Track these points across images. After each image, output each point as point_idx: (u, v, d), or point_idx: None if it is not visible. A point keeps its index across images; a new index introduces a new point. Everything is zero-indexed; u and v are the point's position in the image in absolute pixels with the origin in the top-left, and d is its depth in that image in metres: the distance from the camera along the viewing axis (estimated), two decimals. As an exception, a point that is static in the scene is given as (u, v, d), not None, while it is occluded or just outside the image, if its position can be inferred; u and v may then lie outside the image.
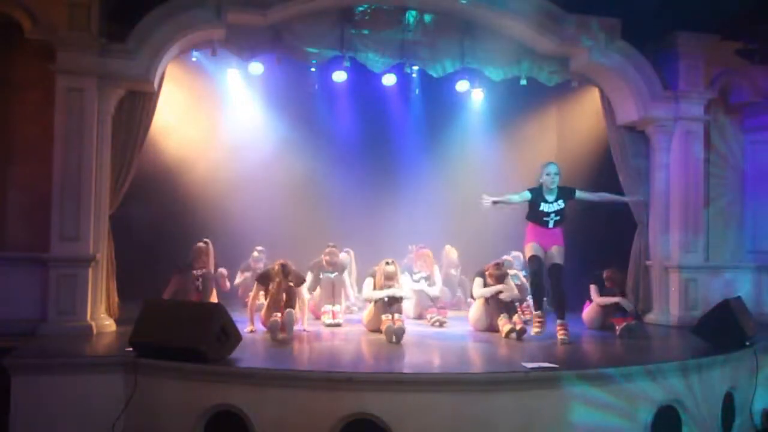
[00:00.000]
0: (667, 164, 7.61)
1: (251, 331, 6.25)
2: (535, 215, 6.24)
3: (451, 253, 8.64)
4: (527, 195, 6.17)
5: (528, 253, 6.28)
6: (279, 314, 6.07)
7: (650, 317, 7.59)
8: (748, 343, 5.76)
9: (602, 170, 8.53)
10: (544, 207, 6.16)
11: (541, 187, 6.18)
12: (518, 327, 6.22)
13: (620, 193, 7.84)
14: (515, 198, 6.21)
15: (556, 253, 6.18)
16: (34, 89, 6.23)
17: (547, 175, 6.12)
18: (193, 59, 7.47)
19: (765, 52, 7.70)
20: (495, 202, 6.13)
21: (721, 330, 5.74)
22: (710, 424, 5.15)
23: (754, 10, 7.21)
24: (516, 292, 6.83)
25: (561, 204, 6.18)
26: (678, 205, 7.49)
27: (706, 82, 7.59)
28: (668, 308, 7.48)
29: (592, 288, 7.08)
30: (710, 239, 7.89)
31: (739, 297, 6.28)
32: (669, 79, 7.55)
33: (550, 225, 6.21)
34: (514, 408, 4.44)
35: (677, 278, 7.41)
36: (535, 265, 6.17)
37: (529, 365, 4.69)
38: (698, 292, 7.39)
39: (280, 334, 5.96)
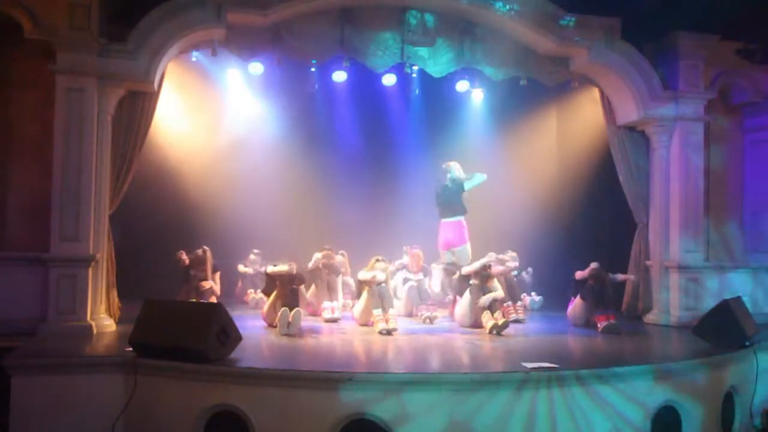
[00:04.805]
0: (667, 164, 7.61)
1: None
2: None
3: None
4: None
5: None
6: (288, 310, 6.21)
7: (650, 317, 7.59)
8: (748, 343, 5.76)
9: (602, 170, 8.54)
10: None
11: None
12: (500, 322, 6.44)
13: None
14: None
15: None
16: (34, 89, 6.23)
17: (448, 173, 8.10)
18: (193, 59, 7.49)
19: (765, 52, 7.70)
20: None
21: (721, 330, 5.74)
22: (710, 424, 5.15)
23: (754, 10, 7.21)
24: (501, 292, 6.97)
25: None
26: (678, 204, 7.48)
27: (706, 82, 7.58)
28: (668, 308, 7.47)
29: (577, 274, 7.20)
30: (710, 239, 7.89)
31: (739, 297, 6.28)
32: (669, 79, 7.55)
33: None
34: (514, 408, 4.44)
35: (677, 278, 7.41)
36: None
37: (529, 365, 4.69)
38: (698, 292, 7.39)
39: (288, 329, 6.09)
